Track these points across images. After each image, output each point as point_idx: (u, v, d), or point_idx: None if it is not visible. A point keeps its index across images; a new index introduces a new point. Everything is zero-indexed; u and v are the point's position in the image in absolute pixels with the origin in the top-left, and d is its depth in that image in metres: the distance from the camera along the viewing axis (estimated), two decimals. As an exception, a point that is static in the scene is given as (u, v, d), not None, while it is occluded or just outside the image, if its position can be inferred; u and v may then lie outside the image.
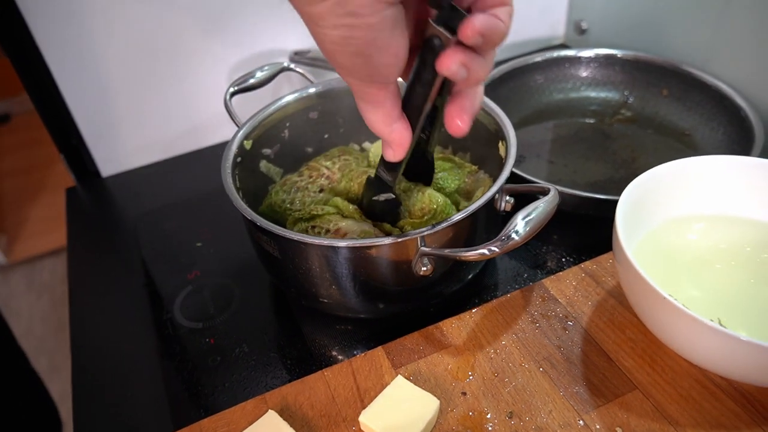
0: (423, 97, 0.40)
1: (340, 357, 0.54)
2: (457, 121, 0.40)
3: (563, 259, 0.62)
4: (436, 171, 0.59)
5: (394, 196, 0.51)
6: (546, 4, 0.96)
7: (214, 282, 0.63)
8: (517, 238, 0.45)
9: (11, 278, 1.99)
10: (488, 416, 0.44)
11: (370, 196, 0.53)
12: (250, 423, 0.43)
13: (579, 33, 0.97)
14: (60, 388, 1.64)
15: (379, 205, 0.52)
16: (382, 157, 0.46)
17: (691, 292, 0.47)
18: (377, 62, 0.35)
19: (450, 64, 0.35)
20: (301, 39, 0.81)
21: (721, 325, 0.44)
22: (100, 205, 0.79)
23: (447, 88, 0.41)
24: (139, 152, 0.82)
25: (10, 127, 2.66)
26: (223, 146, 0.59)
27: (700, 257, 0.50)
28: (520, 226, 0.46)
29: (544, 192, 0.50)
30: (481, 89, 0.41)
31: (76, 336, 0.59)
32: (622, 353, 0.47)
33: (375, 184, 0.51)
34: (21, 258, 2.03)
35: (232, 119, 0.64)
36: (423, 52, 0.38)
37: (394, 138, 0.41)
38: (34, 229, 2.12)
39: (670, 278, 0.48)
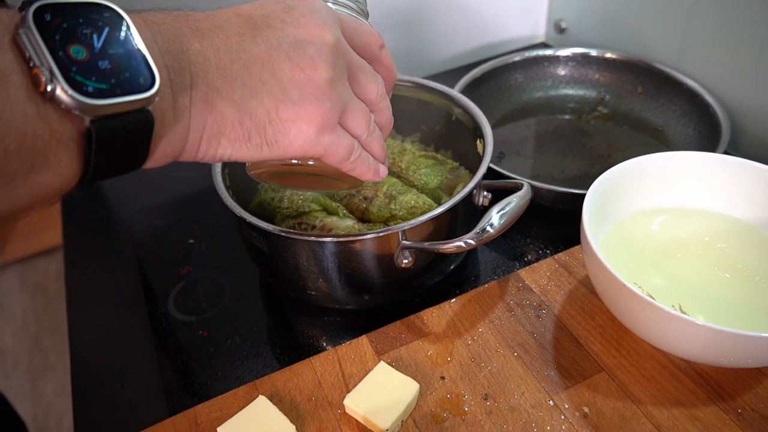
0: None
1: (326, 346, 0.56)
2: None
3: (540, 251, 0.65)
4: (419, 167, 0.62)
5: None
6: (527, 4, 0.99)
7: (206, 277, 0.66)
8: (492, 230, 0.48)
9: (4, 278, 2.00)
10: (465, 398, 0.47)
11: None
12: (242, 408, 0.46)
13: (559, 32, 1.00)
14: (55, 385, 1.66)
15: None
16: None
17: (655, 280, 0.51)
18: None
19: None
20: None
21: (681, 310, 0.48)
22: (94, 204, 0.81)
23: None
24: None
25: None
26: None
27: (663, 247, 0.53)
28: (495, 219, 0.49)
29: (518, 187, 0.53)
30: None
31: (74, 332, 0.61)
32: (591, 338, 0.50)
33: None
34: (14, 258, 2.04)
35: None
36: None
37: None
38: (26, 228, 2.13)
39: (636, 268, 0.51)
